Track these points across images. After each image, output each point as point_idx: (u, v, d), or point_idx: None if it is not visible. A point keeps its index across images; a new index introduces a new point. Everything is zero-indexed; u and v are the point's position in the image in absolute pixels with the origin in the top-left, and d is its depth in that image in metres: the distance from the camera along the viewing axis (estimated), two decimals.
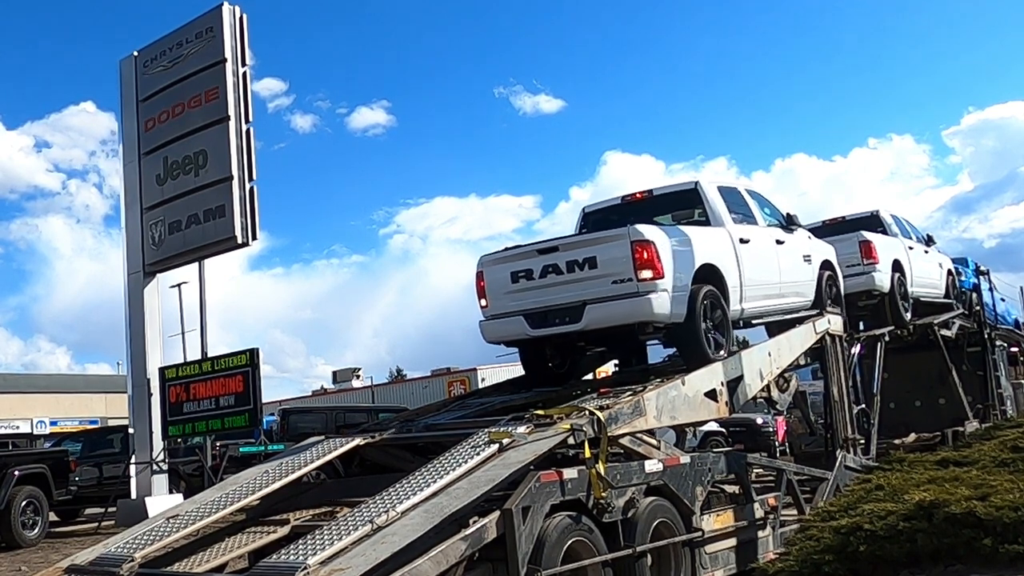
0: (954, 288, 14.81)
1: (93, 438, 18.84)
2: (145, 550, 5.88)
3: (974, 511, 5.86)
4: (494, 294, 8.03)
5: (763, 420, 19.18)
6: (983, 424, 12.79)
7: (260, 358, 14.20)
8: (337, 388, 51.59)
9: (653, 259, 7.21)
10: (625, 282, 7.27)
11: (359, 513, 5.17)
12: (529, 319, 7.78)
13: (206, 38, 15.50)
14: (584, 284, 7.46)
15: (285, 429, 18.95)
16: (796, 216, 9.70)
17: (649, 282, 7.20)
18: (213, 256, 15.80)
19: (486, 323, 8.17)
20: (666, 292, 7.27)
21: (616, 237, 7.44)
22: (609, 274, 7.34)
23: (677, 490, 6.65)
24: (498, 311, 8.03)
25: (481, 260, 8.20)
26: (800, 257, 9.63)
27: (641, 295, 7.21)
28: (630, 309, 7.27)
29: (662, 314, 7.27)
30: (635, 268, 7.22)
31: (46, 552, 11.81)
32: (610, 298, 7.33)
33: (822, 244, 10.50)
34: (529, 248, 7.92)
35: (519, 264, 7.85)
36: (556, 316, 7.62)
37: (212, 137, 15.14)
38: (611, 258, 7.36)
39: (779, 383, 9.00)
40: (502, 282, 7.92)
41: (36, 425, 40.50)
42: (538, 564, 5.24)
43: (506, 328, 8.01)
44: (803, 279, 9.64)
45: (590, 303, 7.40)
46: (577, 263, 7.49)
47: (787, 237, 9.43)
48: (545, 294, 7.67)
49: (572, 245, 7.67)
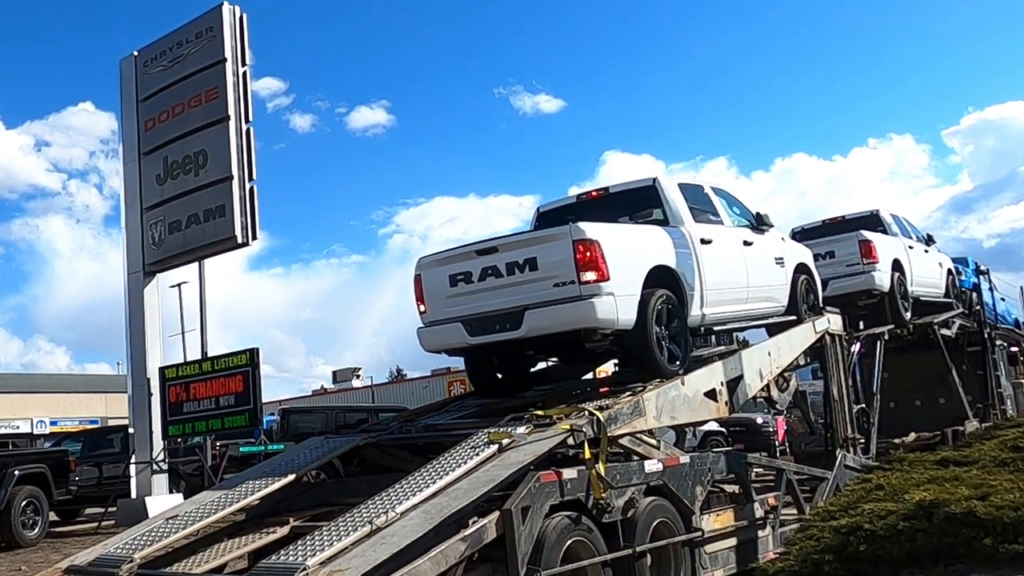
0: (954, 287, 14.82)
1: (93, 438, 18.83)
2: (145, 550, 5.90)
3: (974, 511, 5.85)
4: (432, 299, 7.47)
5: (763, 420, 19.20)
6: (983, 424, 12.76)
7: (260, 358, 14.22)
8: (337, 388, 51.60)
9: (597, 259, 6.64)
10: (567, 285, 6.70)
11: (359, 514, 5.18)
12: (468, 326, 7.21)
13: (206, 38, 15.53)
14: (524, 287, 6.90)
15: (285, 429, 19.00)
16: (767, 216, 9.10)
17: (592, 284, 6.62)
18: (213, 256, 15.82)
19: (423, 330, 7.60)
20: (612, 296, 6.68)
21: (557, 236, 6.87)
22: (550, 276, 6.79)
23: (677, 490, 6.65)
24: (436, 317, 7.47)
25: (419, 262, 7.64)
26: (771, 260, 9.07)
27: (584, 299, 6.64)
28: (572, 314, 6.70)
29: (607, 320, 6.70)
30: (577, 269, 6.64)
31: (46, 552, 11.81)
32: (551, 302, 6.77)
33: (797, 246, 10.04)
34: (467, 249, 7.33)
35: (457, 266, 7.28)
36: (496, 323, 7.04)
37: (212, 137, 15.16)
38: (552, 259, 6.80)
39: (779, 383, 9.01)
40: (440, 286, 7.37)
41: (36, 425, 40.50)
42: (538, 564, 5.24)
43: (444, 336, 7.46)
44: (774, 283, 9.08)
45: (530, 308, 6.83)
46: (517, 265, 6.93)
47: (757, 238, 8.88)
48: (484, 299, 7.11)
49: (512, 245, 7.07)
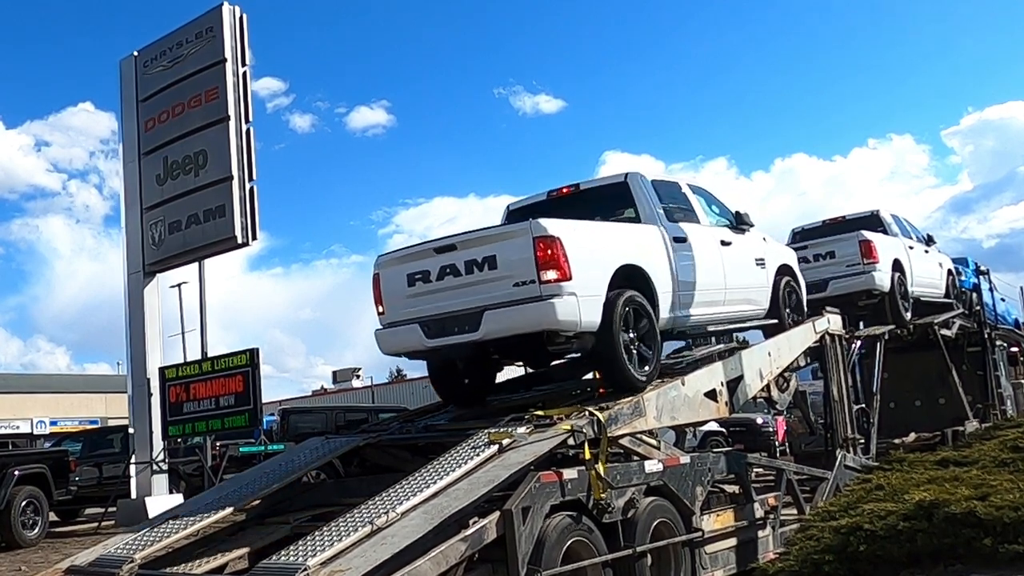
0: (954, 288, 14.83)
1: (93, 438, 18.83)
2: (145, 551, 5.91)
3: (974, 511, 5.85)
4: (390, 299, 7.16)
5: (763, 420, 19.19)
6: (983, 424, 12.78)
7: (260, 358, 14.21)
8: (337, 388, 51.60)
9: (558, 258, 6.32)
10: (527, 284, 6.37)
11: (359, 514, 5.18)
12: (425, 327, 6.89)
13: (206, 38, 15.51)
14: (483, 287, 6.60)
15: (285, 429, 18.99)
16: (748, 215, 8.79)
17: (553, 284, 6.30)
18: (213, 256, 15.81)
19: (380, 332, 7.29)
20: (574, 296, 6.36)
21: (516, 233, 6.56)
22: (510, 275, 6.47)
23: (677, 490, 6.65)
24: (394, 319, 7.14)
25: (377, 260, 7.35)
26: (751, 260, 8.79)
27: (544, 299, 6.31)
28: (532, 316, 6.36)
29: (568, 321, 6.36)
30: (537, 268, 6.33)
31: (46, 552, 11.81)
32: (510, 303, 6.45)
33: (780, 247, 9.75)
34: (425, 247, 7.05)
35: (415, 265, 6.97)
36: (454, 324, 6.73)
37: (212, 137, 15.14)
38: (512, 257, 6.48)
39: (779, 383, 9.02)
40: (398, 286, 7.06)
41: (36, 425, 40.47)
42: (538, 564, 5.24)
43: (401, 338, 7.14)
44: (754, 284, 8.80)
45: (489, 309, 6.51)
46: (476, 263, 6.61)
47: (736, 238, 8.59)
48: (442, 299, 6.81)
49: (470, 243, 6.75)
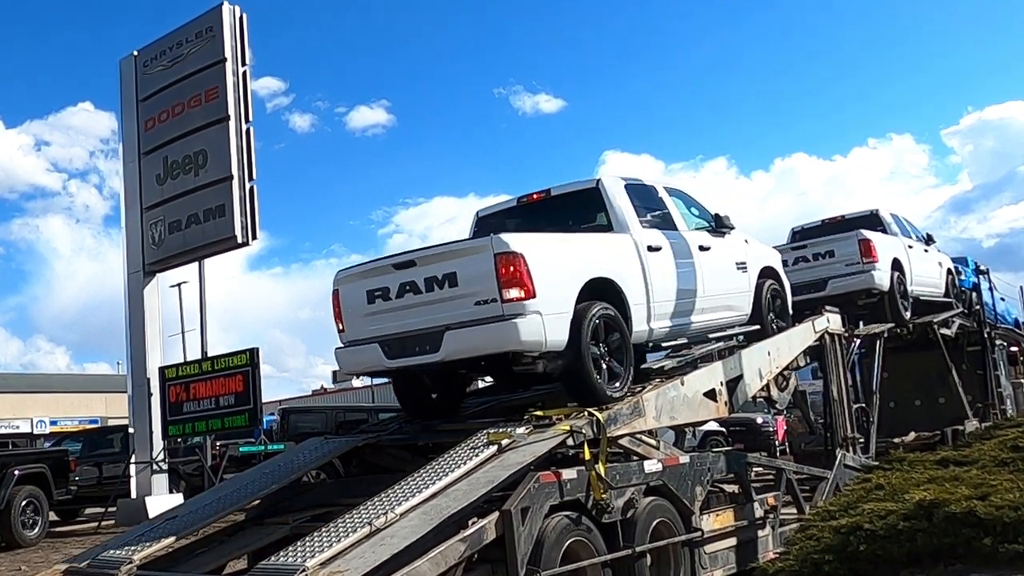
0: (954, 287, 14.82)
1: (93, 438, 18.86)
2: (144, 551, 5.91)
3: (974, 510, 5.84)
4: (350, 317, 6.89)
5: (763, 419, 19.19)
6: (983, 423, 12.77)
7: (260, 358, 14.25)
8: (337, 388, 51.54)
9: (522, 275, 6.01)
10: (488, 303, 6.08)
11: (358, 514, 5.18)
12: (386, 347, 6.63)
13: (206, 38, 15.55)
14: (444, 305, 6.31)
15: (285, 429, 19.01)
16: (727, 217, 8.41)
17: (517, 303, 6.00)
18: (213, 256, 15.86)
19: (341, 352, 7.04)
20: (538, 315, 6.05)
21: (477, 248, 6.28)
22: (471, 293, 6.18)
23: (676, 490, 6.64)
24: (354, 337, 6.89)
25: (336, 276, 7.07)
26: (731, 265, 8.44)
27: (507, 319, 6.01)
28: (494, 336, 6.08)
29: (532, 342, 6.07)
30: (500, 286, 6.03)
31: (46, 552, 11.83)
32: (472, 323, 6.16)
33: (763, 249, 9.35)
34: (385, 262, 6.76)
35: (375, 281, 6.71)
36: (415, 344, 6.46)
37: (212, 137, 15.18)
38: (472, 274, 6.18)
39: (779, 382, 9.00)
40: (358, 303, 6.80)
41: (36, 425, 40.49)
42: (537, 565, 5.24)
43: (361, 358, 6.90)
44: (734, 290, 8.46)
45: (450, 329, 6.23)
46: (436, 280, 6.33)
47: (715, 242, 8.22)
48: (403, 317, 6.55)
49: (430, 258, 6.45)
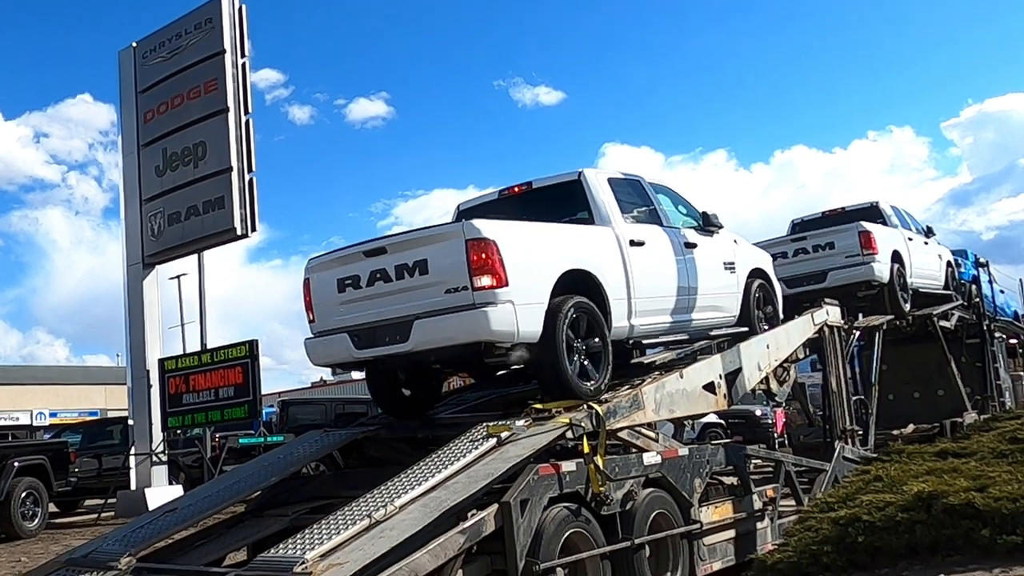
0: (953, 280, 14.82)
1: (93, 429, 18.81)
2: (144, 543, 5.91)
3: (972, 502, 5.86)
4: (320, 306, 6.79)
5: (762, 412, 19.19)
6: (982, 415, 12.80)
7: (259, 350, 14.21)
8: (336, 380, 51.09)
9: (494, 263, 5.92)
10: (459, 291, 5.98)
11: (358, 507, 5.19)
12: (355, 338, 6.52)
13: (205, 29, 15.49)
14: (414, 294, 6.21)
15: (284, 421, 18.99)
16: (716, 216, 8.27)
17: (487, 291, 5.90)
18: (212, 248, 15.84)
19: (311, 342, 6.91)
20: (510, 304, 5.93)
21: (448, 235, 6.16)
22: (441, 281, 6.08)
23: (675, 482, 6.66)
24: (324, 327, 6.77)
25: (307, 264, 6.96)
26: (718, 264, 8.30)
27: (477, 308, 5.91)
28: (464, 326, 5.97)
29: (504, 332, 5.95)
30: (470, 274, 5.93)
31: (46, 543, 11.84)
32: (441, 311, 6.06)
33: (752, 249, 9.26)
34: (355, 250, 6.63)
35: (345, 269, 6.59)
36: (385, 334, 6.34)
37: (211, 128, 15.14)
38: (443, 262, 6.08)
39: (778, 375, 9.00)
40: (329, 291, 6.68)
41: (36, 417, 40.48)
42: (536, 556, 5.25)
43: (330, 348, 6.77)
44: (722, 290, 8.31)
45: (419, 318, 6.14)
46: (407, 268, 6.22)
47: (703, 240, 8.10)
48: (372, 306, 6.44)
49: (401, 245, 6.36)
